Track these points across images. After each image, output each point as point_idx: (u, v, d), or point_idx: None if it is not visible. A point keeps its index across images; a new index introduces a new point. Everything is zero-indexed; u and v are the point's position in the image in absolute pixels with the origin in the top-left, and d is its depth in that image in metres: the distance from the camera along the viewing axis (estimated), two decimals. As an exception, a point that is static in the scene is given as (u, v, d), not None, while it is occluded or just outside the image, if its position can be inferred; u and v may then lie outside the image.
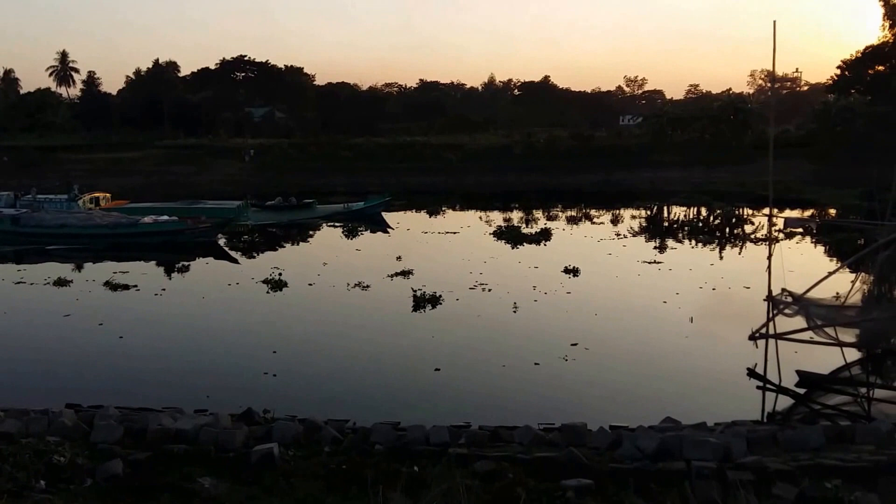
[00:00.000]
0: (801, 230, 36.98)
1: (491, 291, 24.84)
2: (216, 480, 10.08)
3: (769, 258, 16.80)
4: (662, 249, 33.82)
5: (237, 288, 26.60)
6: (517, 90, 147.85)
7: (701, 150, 74.71)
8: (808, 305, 16.47)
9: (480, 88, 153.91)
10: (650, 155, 74.53)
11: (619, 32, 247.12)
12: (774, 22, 16.55)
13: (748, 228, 41.99)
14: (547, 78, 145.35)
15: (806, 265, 25.88)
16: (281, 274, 27.30)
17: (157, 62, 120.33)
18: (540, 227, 40.72)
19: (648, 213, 51.83)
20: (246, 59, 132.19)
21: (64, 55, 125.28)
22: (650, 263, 29.81)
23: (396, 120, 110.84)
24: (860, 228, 30.12)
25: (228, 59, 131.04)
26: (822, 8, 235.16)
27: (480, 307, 22.97)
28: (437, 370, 17.07)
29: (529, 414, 13.41)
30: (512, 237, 36.85)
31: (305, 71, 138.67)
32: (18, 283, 27.56)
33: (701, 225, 45.52)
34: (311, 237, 41.09)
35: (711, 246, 35.34)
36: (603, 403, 15.07)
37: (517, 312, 22.18)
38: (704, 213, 50.62)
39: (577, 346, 18.49)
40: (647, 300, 23.99)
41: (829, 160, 66.18)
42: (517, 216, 47.75)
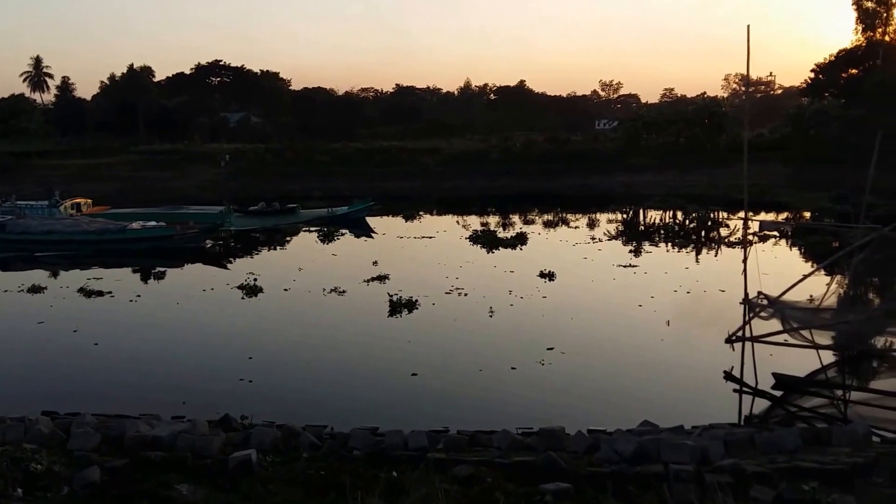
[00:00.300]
0: (776, 233, 37.27)
1: (467, 296, 24.84)
2: (194, 487, 10.00)
3: (744, 261, 16.89)
4: (637, 253, 33.93)
5: (212, 293, 26.43)
6: (493, 94, 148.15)
7: (676, 153, 75.08)
8: (783, 308, 16.60)
9: (456, 93, 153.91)
10: (625, 159, 74.83)
11: (593, 37, 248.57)
12: (748, 26, 16.66)
13: (723, 232, 42.20)
14: (522, 82, 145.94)
15: (781, 268, 26.10)
16: (256, 279, 27.16)
17: (131, 67, 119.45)
18: (516, 231, 40.73)
19: (623, 216, 51.99)
20: (221, 63, 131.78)
21: (38, 61, 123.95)
22: (625, 267, 29.90)
23: (373, 125, 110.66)
24: (834, 231, 30.41)
25: (203, 64, 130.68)
26: (795, 12, 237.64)
27: (457, 312, 22.96)
28: (413, 375, 17.02)
29: (507, 418, 13.42)
30: (488, 241, 36.81)
31: (281, 76, 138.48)
32: (-8, 290, 27.23)
33: (676, 229, 45.71)
34: (287, 242, 40.86)
35: (686, 249, 35.48)
36: (580, 407, 15.08)
37: (493, 317, 22.19)
38: (679, 216, 50.82)
39: (553, 350, 18.51)
40: (622, 304, 24.06)
41: (803, 163, 66.66)
42: (494, 220, 47.72)
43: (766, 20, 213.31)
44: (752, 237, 27.16)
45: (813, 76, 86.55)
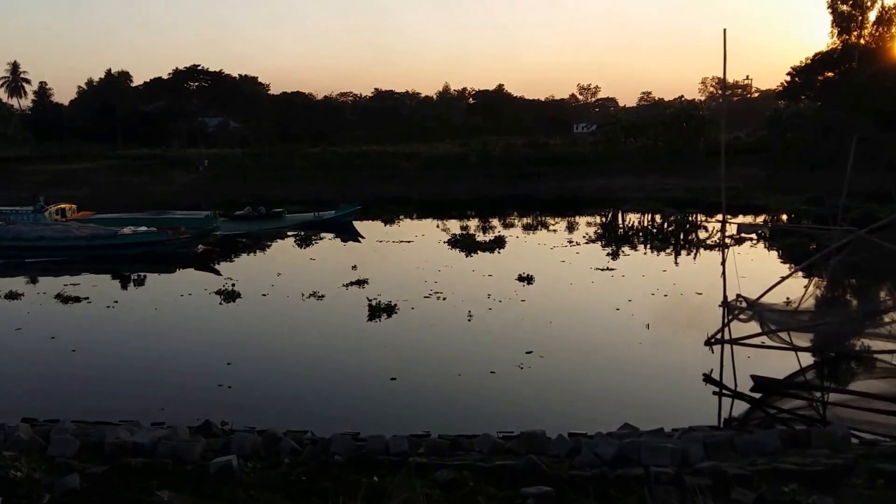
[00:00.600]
0: (753, 236, 37.47)
1: (446, 300, 24.83)
2: (175, 493, 9.93)
3: (723, 264, 17.00)
4: (615, 256, 34.00)
5: (190, 299, 26.28)
6: (472, 99, 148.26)
7: (654, 157, 75.44)
8: (762, 311, 16.70)
9: (435, 97, 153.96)
10: (604, 162, 75.05)
11: (571, 41, 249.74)
12: (725, 30, 16.73)
13: (700, 235, 42.37)
14: (501, 86, 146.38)
15: (758, 271, 26.24)
16: (234, 285, 27.06)
17: (109, 72, 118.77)
18: (494, 235, 40.76)
19: (601, 220, 52.11)
20: (199, 68, 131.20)
21: (15, 66, 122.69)
22: (603, 270, 29.96)
23: (352, 129, 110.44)
24: (811, 234, 30.64)
25: (181, 68, 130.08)
26: (772, 15, 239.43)
27: (435, 316, 22.97)
28: (393, 379, 16.97)
29: (487, 422, 13.38)
30: (466, 245, 36.81)
31: (260, 80, 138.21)
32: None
33: (654, 231, 45.87)
34: (267, 247, 40.63)
35: (663, 253, 35.60)
36: (561, 411, 15.10)
37: (472, 321, 22.17)
38: (656, 219, 50.99)
39: (532, 353, 18.50)
40: (600, 307, 24.11)
41: (779, 166, 67.13)
42: (473, 224, 47.72)
43: (742, 24, 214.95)
44: (729, 240, 27.29)
45: (789, 79, 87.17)
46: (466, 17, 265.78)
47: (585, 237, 40.82)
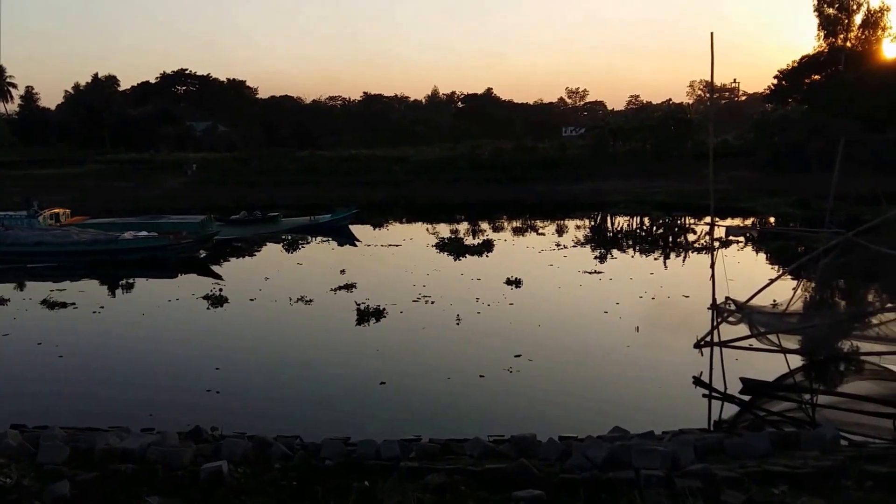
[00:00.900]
0: (741, 239, 37.60)
1: (434, 304, 24.83)
2: (165, 499, 9.88)
3: (712, 267, 17.04)
4: (603, 259, 34.06)
5: (177, 304, 26.17)
6: (460, 102, 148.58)
7: (643, 160, 75.60)
8: (751, 313, 16.74)
9: (424, 101, 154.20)
10: (593, 166, 75.18)
11: (559, 45, 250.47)
12: (712, 34, 16.76)
13: (688, 238, 42.48)
14: (490, 90, 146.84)
15: (746, 273, 26.33)
16: (221, 289, 26.99)
17: (96, 76, 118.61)
18: (482, 238, 40.77)
19: (589, 223, 52.19)
20: (187, 72, 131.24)
21: (1, 70, 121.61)
22: (591, 273, 30.01)
23: (341, 133, 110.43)
24: (799, 236, 30.76)
25: (169, 72, 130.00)
26: (759, 19, 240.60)
27: (424, 320, 22.95)
28: (382, 383, 16.94)
29: (477, 426, 13.40)
30: (454, 249, 36.85)
31: (248, 84, 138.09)
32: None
33: (642, 234, 45.97)
34: (256, 251, 40.54)
35: (651, 256, 35.68)
36: (550, 414, 15.09)
37: (460, 325, 22.17)
38: (643, 222, 51.08)
39: (520, 357, 18.50)
40: (589, 310, 24.19)
41: (767, 169, 67.41)
42: (462, 228, 47.70)
43: (730, 27, 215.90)
44: (716, 243, 27.36)
45: (776, 82, 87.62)
46: (455, 21, 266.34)
47: (574, 240, 40.90)
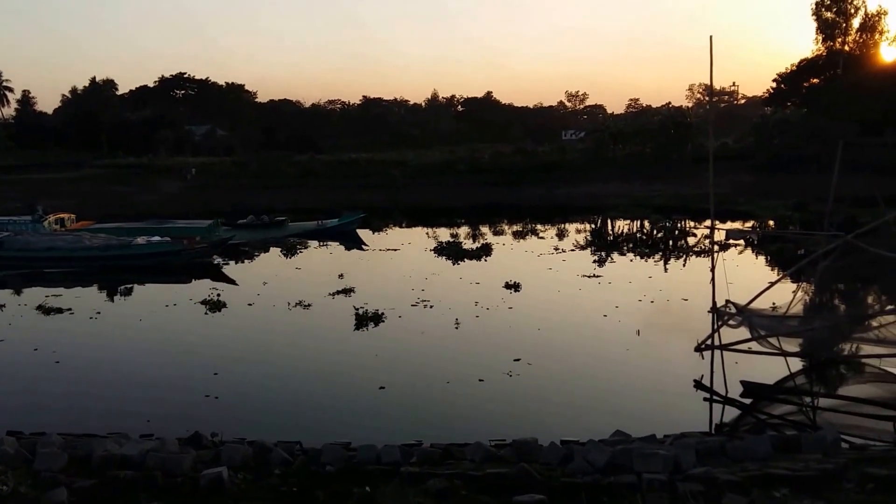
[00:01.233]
0: (741, 242, 37.61)
1: (433, 308, 24.79)
2: (164, 506, 9.86)
3: (712, 270, 17.02)
4: (601, 263, 34.05)
5: (174, 309, 26.09)
6: (460, 106, 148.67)
7: (642, 164, 75.55)
8: (751, 316, 16.72)
9: (423, 105, 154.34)
10: (593, 169, 75.08)
11: (559, 48, 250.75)
12: (711, 37, 16.76)
13: (685, 241, 42.42)
14: (490, 94, 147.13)
15: (745, 276, 26.29)
16: (219, 294, 26.94)
17: (93, 80, 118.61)
18: (481, 242, 40.70)
19: (588, 227, 52.13)
20: (185, 76, 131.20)
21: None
22: (590, 277, 29.97)
23: (340, 136, 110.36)
24: (797, 239, 30.77)
25: (167, 76, 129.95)
26: (758, 22, 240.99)
27: (423, 324, 22.89)
28: (381, 388, 16.89)
29: (477, 431, 13.31)
30: (453, 253, 36.77)
31: (247, 88, 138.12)
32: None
33: (643, 238, 45.94)
34: (255, 256, 40.42)
35: (649, 259, 35.64)
36: (551, 418, 15.08)
37: (459, 329, 22.15)
38: (643, 226, 51.03)
39: (520, 361, 18.47)
40: (588, 314, 24.17)
41: (766, 172, 67.41)
42: (462, 232, 47.57)
43: (729, 31, 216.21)
44: (715, 246, 27.27)
45: (775, 86, 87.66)
46: (454, 25, 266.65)
47: (575, 244, 40.81)
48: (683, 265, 34.01)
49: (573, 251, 38.04)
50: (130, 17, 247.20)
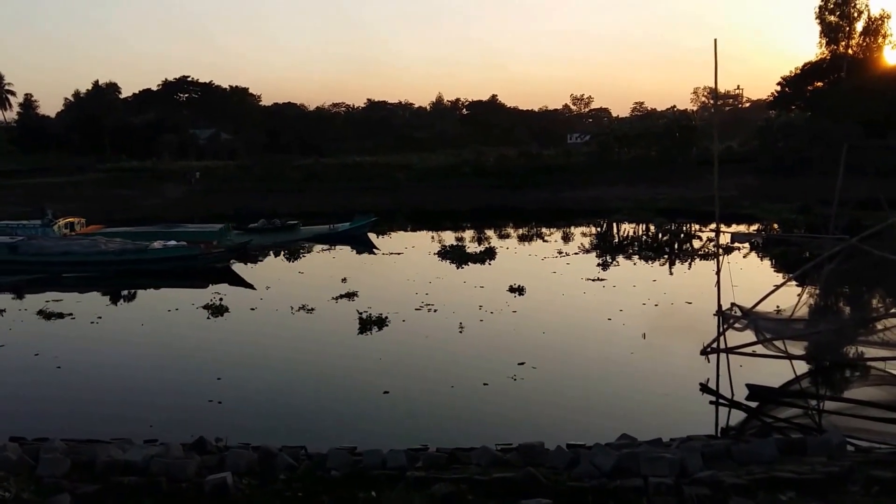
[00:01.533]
0: (746, 245, 37.54)
1: (437, 312, 24.78)
2: (168, 512, 9.85)
3: (718, 273, 17.01)
4: (605, 267, 33.99)
5: (176, 314, 26.08)
6: (465, 109, 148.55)
7: (647, 167, 75.43)
8: (757, 319, 16.70)
9: (428, 108, 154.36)
10: (597, 173, 74.89)
11: (564, 52, 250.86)
12: (715, 40, 16.80)
13: (692, 244, 42.31)
14: (495, 97, 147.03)
15: (750, 279, 26.28)
16: (222, 299, 26.94)
17: (96, 83, 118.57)
18: (485, 246, 40.64)
19: (592, 230, 51.99)
20: (189, 79, 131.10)
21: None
22: (594, 281, 29.97)
23: (344, 140, 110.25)
24: (802, 242, 30.69)
25: (171, 80, 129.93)
26: (762, 25, 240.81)
27: (427, 328, 22.92)
28: (386, 393, 16.90)
29: (482, 435, 13.33)
30: (456, 257, 36.75)
31: (251, 91, 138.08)
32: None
33: (648, 241, 45.82)
34: (259, 260, 40.35)
35: (653, 262, 35.54)
36: (557, 422, 15.07)
37: (463, 333, 22.16)
38: (648, 229, 50.89)
39: (524, 365, 18.50)
40: (592, 318, 24.16)
41: (771, 175, 67.28)
42: (466, 235, 47.52)
43: (733, 34, 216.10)
44: (720, 249, 27.26)
45: (779, 89, 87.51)
46: (459, 28, 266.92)
47: (579, 248, 40.69)
48: (686, 269, 33.90)
49: (577, 255, 37.97)
50: (133, 20, 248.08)
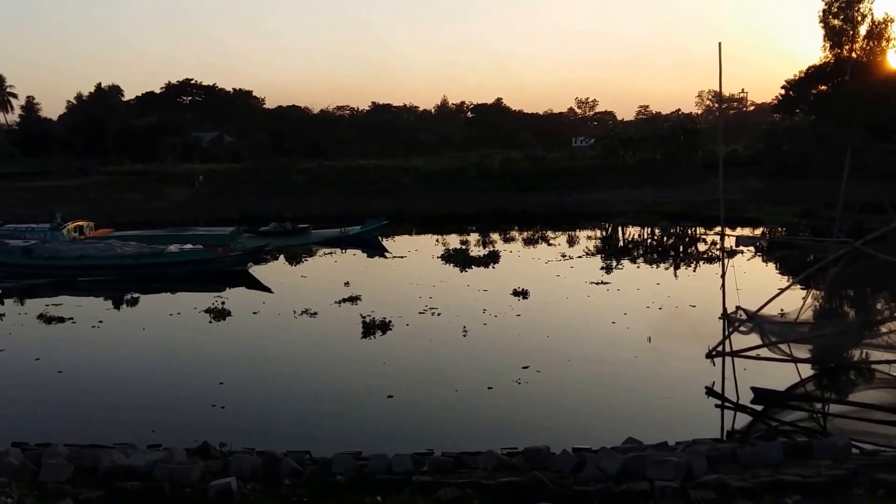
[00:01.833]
0: (751, 248, 37.49)
1: (440, 316, 24.74)
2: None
3: (723, 276, 16.99)
4: (610, 270, 33.98)
5: (178, 318, 26.07)
6: (470, 112, 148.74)
7: (652, 170, 75.39)
8: (762, 323, 16.69)
9: (433, 111, 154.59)
10: (602, 176, 74.86)
11: (569, 55, 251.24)
12: (720, 44, 16.78)
13: (694, 248, 42.29)
14: (500, 100, 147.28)
15: (754, 283, 26.21)
16: (224, 302, 26.93)
17: (99, 86, 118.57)
18: (489, 249, 40.67)
19: (597, 233, 51.98)
20: (192, 82, 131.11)
21: (1, 80, 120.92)
22: (598, 284, 29.95)
23: (349, 143, 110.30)
24: (807, 246, 30.64)
25: (174, 82, 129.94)
26: (766, 29, 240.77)
27: (430, 332, 22.88)
28: (390, 397, 16.85)
29: (486, 439, 13.31)
30: (460, 260, 36.75)
31: (255, 94, 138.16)
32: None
33: (653, 244, 45.81)
34: (262, 263, 40.29)
35: (657, 266, 35.51)
36: (562, 426, 15.05)
37: (467, 336, 22.11)
38: (652, 232, 50.89)
39: (528, 368, 18.46)
40: (596, 321, 24.14)
41: (775, 179, 67.24)
42: (470, 239, 47.45)
43: (737, 38, 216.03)
44: (720, 252, 27.24)
45: (784, 93, 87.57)
46: (464, 31, 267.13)
47: (585, 251, 40.69)
48: (691, 272, 33.89)
49: (581, 258, 37.94)
50: (136, 22, 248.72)
